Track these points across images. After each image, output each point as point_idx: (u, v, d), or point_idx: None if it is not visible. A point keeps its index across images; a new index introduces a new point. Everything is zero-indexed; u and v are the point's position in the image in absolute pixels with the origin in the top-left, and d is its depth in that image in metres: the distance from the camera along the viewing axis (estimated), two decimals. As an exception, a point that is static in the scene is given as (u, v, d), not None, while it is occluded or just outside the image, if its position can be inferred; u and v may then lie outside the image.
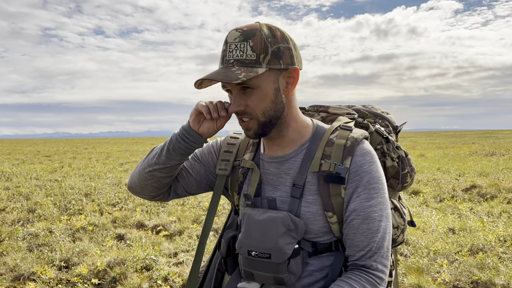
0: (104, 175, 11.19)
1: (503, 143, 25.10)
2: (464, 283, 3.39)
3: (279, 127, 1.12)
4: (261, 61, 1.01)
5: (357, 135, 1.11)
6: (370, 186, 1.07)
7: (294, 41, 1.10)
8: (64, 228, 5.28)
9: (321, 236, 1.12)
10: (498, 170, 10.71)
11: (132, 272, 3.69)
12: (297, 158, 1.13)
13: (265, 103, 1.06)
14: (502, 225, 5.07)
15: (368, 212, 1.06)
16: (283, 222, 1.06)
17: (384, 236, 1.07)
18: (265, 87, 1.04)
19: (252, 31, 1.03)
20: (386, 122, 1.37)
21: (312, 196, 1.09)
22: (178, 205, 6.76)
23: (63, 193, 7.98)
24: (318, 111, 1.38)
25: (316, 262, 1.12)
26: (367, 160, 1.08)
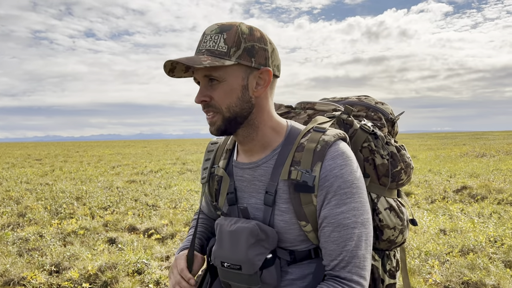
0: (96, 179, 11.12)
1: (493, 144, 25.34)
2: (455, 283, 3.41)
3: (247, 129, 1.08)
4: (231, 54, 1.00)
5: (328, 137, 1.04)
6: (341, 192, 1.00)
7: (274, 47, 1.07)
8: (54, 232, 5.24)
9: (298, 244, 1.08)
10: (489, 171, 10.81)
11: (123, 276, 3.67)
12: (268, 164, 1.09)
13: (231, 98, 1.02)
14: (492, 225, 5.11)
15: (339, 219, 0.99)
16: (251, 233, 1.02)
17: (359, 244, 0.99)
18: (232, 81, 1.02)
19: (229, 26, 1.02)
20: (379, 114, 1.29)
21: (284, 205, 1.05)
22: (170, 208, 6.74)
23: (54, 196, 7.91)
24: (305, 108, 1.32)
25: (297, 271, 1.09)
26: (338, 163, 1.01)
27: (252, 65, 1.02)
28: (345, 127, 1.19)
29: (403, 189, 8.12)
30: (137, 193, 8.27)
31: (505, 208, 6.30)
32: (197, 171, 12.92)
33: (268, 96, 1.08)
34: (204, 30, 1.05)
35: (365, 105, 1.32)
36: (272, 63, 1.05)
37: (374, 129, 1.20)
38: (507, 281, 3.33)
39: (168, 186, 9.46)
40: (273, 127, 1.11)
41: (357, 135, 1.17)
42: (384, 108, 1.32)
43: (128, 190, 8.80)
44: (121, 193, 8.33)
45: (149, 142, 62.37)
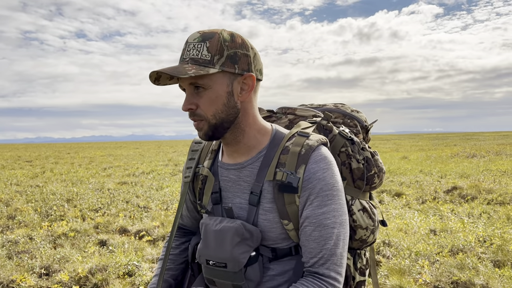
0: (87, 180, 11.06)
1: (484, 145, 25.59)
2: (445, 283, 3.44)
3: (234, 132, 1.12)
4: (214, 62, 1.03)
5: (312, 142, 1.09)
6: (323, 194, 1.06)
7: (256, 51, 1.11)
8: (45, 235, 5.20)
9: (280, 242, 1.13)
10: (479, 171, 10.91)
11: (114, 278, 3.65)
12: (254, 165, 1.14)
13: (217, 105, 1.06)
14: (481, 225, 5.16)
15: (321, 220, 1.05)
16: (237, 232, 1.07)
17: (337, 243, 1.06)
18: (217, 89, 1.05)
19: (211, 34, 1.05)
20: (354, 121, 1.37)
21: (268, 204, 1.10)
22: (162, 210, 6.72)
23: (44, 198, 7.85)
24: (286, 113, 1.37)
25: (277, 267, 1.14)
26: (321, 167, 1.07)
27: (236, 71, 1.05)
28: (324, 132, 1.25)
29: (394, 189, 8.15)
30: (129, 195, 8.24)
31: (494, 208, 6.37)
32: (189, 173, 12.88)
33: (252, 100, 1.13)
34: (187, 38, 1.08)
35: (341, 112, 1.39)
36: (254, 68, 1.09)
37: (351, 135, 1.27)
38: (495, 281, 3.36)
39: (160, 187, 9.43)
40: (258, 130, 1.15)
41: (336, 140, 1.24)
42: (359, 116, 1.40)
43: (119, 191, 8.76)
44: (112, 195, 8.29)
45: (141, 144, 62.15)
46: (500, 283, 3.34)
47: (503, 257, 3.94)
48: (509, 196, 7.16)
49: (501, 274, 3.51)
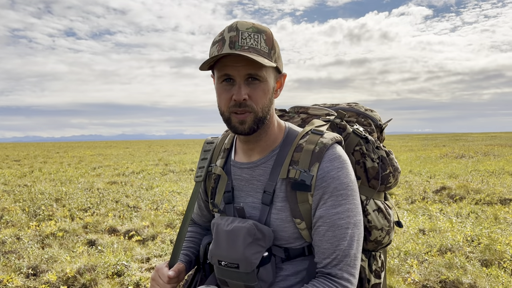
0: (76, 180, 10.96)
1: (472, 145, 25.86)
2: (433, 282, 3.47)
3: (263, 129, 1.12)
4: (271, 55, 1.03)
5: (327, 140, 1.08)
6: (338, 193, 1.04)
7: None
8: (32, 235, 5.14)
9: (293, 242, 1.11)
10: (467, 172, 11.02)
11: (102, 278, 3.62)
12: (267, 164, 1.12)
13: (265, 99, 1.06)
14: (469, 225, 5.21)
15: (334, 220, 1.03)
16: (248, 232, 1.05)
17: (351, 243, 1.04)
18: (270, 82, 1.06)
19: (262, 27, 1.05)
20: (368, 120, 1.35)
21: (281, 203, 1.09)
22: (152, 210, 6.68)
23: (33, 198, 7.76)
24: (299, 112, 1.36)
25: (290, 267, 1.12)
26: (335, 166, 1.05)
27: (281, 69, 1.10)
28: (338, 130, 1.23)
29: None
30: (118, 195, 8.18)
31: (482, 208, 6.43)
32: (180, 172, 12.84)
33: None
34: (232, 26, 1.02)
35: (355, 111, 1.37)
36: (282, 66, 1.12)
37: (366, 133, 1.24)
38: (483, 280, 3.40)
39: (150, 187, 9.38)
40: (277, 127, 1.16)
41: (350, 139, 1.22)
42: (373, 115, 1.37)
43: (109, 191, 8.69)
44: (101, 195, 8.22)
45: (131, 143, 61.76)
46: (488, 282, 3.38)
47: (491, 256, 3.98)
48: (496, 196, 7.24)
49: (488, 273, 3.55)
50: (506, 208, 6.38)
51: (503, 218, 5.67)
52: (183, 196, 7.95)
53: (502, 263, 3.81)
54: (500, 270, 3.61)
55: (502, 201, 6.98)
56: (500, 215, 5.83)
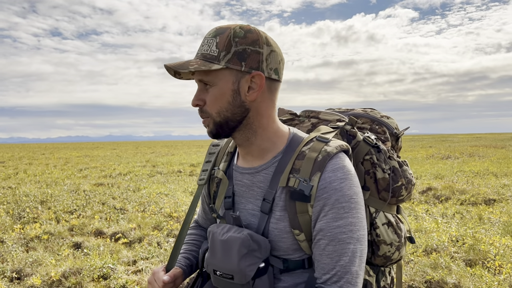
0: (62, 182, 10.83)
1: (458, 146, 26.21)
2: (418, 282, 3.50)
3: (245, 133, 1.07)
4: (220, 58, 0.99)
5: (331, 149, 1.01)
6: (339, 205, 0.98)
7: (274, 49, 1.04)
8: (17, 238, 5.06)
9: (292, 253, 1.07)
10: (453, 172, 11.16)
11: (88, 282, 3.58)
12: (268, 171, 1.08)
13: (221, 103, 1.02)
14: (455, 225, 5.28)
15: (335, 233, 0.97)
16: (243, 244, 1.01)
17: (353, 260, 0.98)
18: (222, 86, 1.01)
19: (224, 29, 1.02)
20: (383, 128, 1.27)
21: (280, 212, 1.04)
22: (139, 212, 6.63)
23: (17, 200, 7.65)
24: (309, 117, 1.30)
25: (289, 279, 1.08)
26: (338, 176, 0.99)
27: (242, 69, 1.00)
28: (348, 138, 1.16)
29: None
30: (105, 197, 8.11)
31: (467, 208, 6.52)
32: (168, 174, 12.78)
33: (266, 100, 1.06)
34: None
35: (370, 117, 1.30)
36: (267, 66, 1.03)
37: (377, 142, 1.18)
38: (467, 279, 3.45)
39: (137, 189, 9.31)
40: (274, 133, 1.09)
41: (359, 147, 1.15)
42: (389, 122, 1.30)
43: (95, 193, 8.61)
44: (88, 197, 8.14)
45: (119, 144, 61.27)
46: (471, 281, 3.43)
47: (475, 256, 4.04)
48: (481, 196, 7.35)
49: (472, 273, 3.60)
50: (490, 208, 6.48)
51: (487, 218, 5.76)
52: (171, 198, 7.91)
53: (486, 263, 3.87)
54: (484, 270, 3.66)
55: (486, 201, 7.08)
56: (484, 215, 5.91)
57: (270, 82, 1.05)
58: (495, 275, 3.62)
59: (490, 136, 55.25)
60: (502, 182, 9.05)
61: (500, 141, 32.64)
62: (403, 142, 27.50)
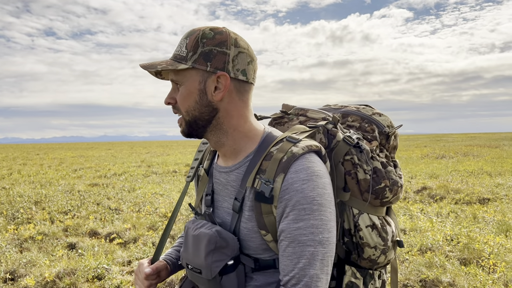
0: (56, 182, 10.78)
1: (452, 146, 26.33)
2: (413, 281, 3.51)
3: (216, 133, 1.09)
4: (188, 58, 1.03)
5: (297, 149, 1.00)
6: (301, 207, 0.96)
7: (242, 51, 1.05)
8: (10, 238, 5.03)
9: (261, 253, 1.07)
10: (447, 172, 11.21)
11: (82, 282, 3.56)
12: (240, 170, 1.09)
13: (189, 102, 1.05)
14: (449, 225, 5.30)
15: (295, 235, 0.97)
16: (210, 240, 1.03)
17: (312, 262, 0.96)
18: (189, 85, 1.04)
19: (195, 31, 1.05)
20: (373, 126, 1.24)
21: (248, 212, 1.05)
22: (134, 212, 6.61)
23: (11, 201, 7.60)
24: (298, 114, 1.29)
25: (261, 278, 1.09)
26: (300, 177, 0.98)
27: (207, 69, 1.02)
28: (329, 137, 1.14)
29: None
30: (100, 197, 8.07)
31: (461, 207, 6.55)
32: (163, 174, 12.75)
33: (235, 101, 1.06)
34: None
35: (360, 115, 1.27)
36: (234, 67, 1.04)
37: (360, 141, 1.14)
38: (461, 278, 3.46)
39: (132, 189, 9.28)
40: (245, 133, 1.10)
41: (338, 147, 1.12)
42: (381, 119, 1.26)
43: (90, 193, 8.57)
44: (82, 197, 8.10)
45: (114, 144, 61.07)
46: (466, 280, 3.44)
47: (469, 255, 4.06)
48: (475, 196, 7.38)
49: (467, 271, 3.61)
50: (484, 207, 6.51)
51: (482, 217, 5.79)
52: (166, 198, 7.89)
53: (480, 262, 3.89)
54: (478, 269, 3.68)
55: (480, 200, 7.12)
56: (478, 214, 5.94)
57: (237, 83, 1.06)
58: (489, 273, 3.64)
59: (484, 135, 55.59)
60: (496, 181, 9.11)
61: (494, 141, 32.83)
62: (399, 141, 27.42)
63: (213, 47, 1.02)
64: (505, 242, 4.44)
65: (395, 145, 1.28)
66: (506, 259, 3.90)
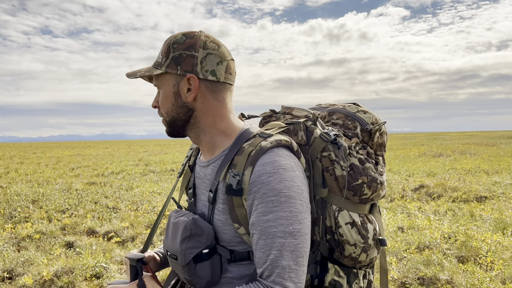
0: (54, 181, 10.75)
1: (450, 144, 26.39)
2: (411, 279, 3.52)
3: (195, 131, 1.16)
4: (162, 63, 1.11)
5: (266, 143, 1.04)
6: (268, 199, 0.99)
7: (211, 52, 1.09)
8: (8, 237, 5.02)
9: (235, 245, 1.10)
10: (445, 170, 11.24)
11: (80, 281, 3.56)
12: (215, 164, 1.14)
13: (167, 105, 1.13)
14: (447, 222, 5.32)
15: (265, 227, 0.99)
16: (186, 227, 1.08)
17: (283, 253, 0.98)
18: (165, 89, 1.12)
19: (170, 37, 1.13)
20: (355, 123, 1.25)
21: (222, 205, 1.09)
22: (132, 211, 6.60)
23: (8, 200, 7.58)
24: (285, 113, 1.33)
25: (236, 269, 1.11)
26: (266, 170, 1.00)
27: (178, 72, 1.09)
28: (307, 134, 1.17)
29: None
30: (97, 195, 8.06)
31: (459, 205, 6.57)
32: (160, 173, 12.74)
33: (209, 100, 1.12)
34: None
35: (344, 112, 1.28)
36: (202, 68, 1.09)
37: (338, 138, 1.15)
38: (459, 276, 3.47)
39: (130, 188, 9.27)
40: (222, 130, 1.15)
41: (315, 143, 1.14)
42: (365, 117, 1.27)
43: (87, 192, 8.56)
44: (80, 196, 8.09)
45: (111, 143, 60.92)
46: (464, 278, 3.45)
47: (467, 253, 4.07)
48: (472, 194, 7.40)
49: (464, 269, 3.62)
50: (481, 205, 6.53)
51: (479, 215, 5.81)
52: (164, 196, 7.88)
53: (478, 259, 3.90)
54: (475, 266, 3.69)
55: (478, 198, 7.14)
56: (476, 212, 5.96)
57: (208, 83, 1.11)
58: (487, 271, 3.66)
59: (481, 134, 55.76)
60: (493, 179, 9.14)
61: (491, 139, 32.93)
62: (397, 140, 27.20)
63: (182, 51, 1.09)
64: (503, 239, 4.46)
65: (381, 142, 1.28)
66: (503, 256, 3.92)
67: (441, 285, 3.36)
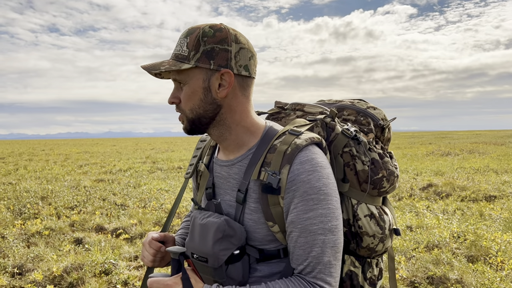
0: (62, 178, 10.83)
1: (458, 143, 26.20)
2: (420, 278, 3.50)
3: (219, 129, 1.11)
4: (190, 57, 1.04)
5: (300, 141, 1.04)
6: (308, 197, 1.00)
7: (243, 46, 1.07)
8: (18, 233, 5.06)
9: (267, 244, 1.09)
10: (453, 169, 11.16)
11: (90, 277, 3.58)
12: (243, 163, 1.11)
13: (193, 101, 1.07)
14: (456, 222, 5.28)
15: (306, 225, 1.00)
16: (219, 228, 1.05)
17: (325, 250, 1.00)
18: (193, 84, 1.06)
19: (194, 29, 1.06)
20: (368, 119, 1.27)
21: (254, 204, 1.07)
22: (140, 208, 6.63)
23: (18, 196, 7.65)
24: (295, 109, 1.32)
25: (265, 268, 1.10)
26: (306, 168, 1.01)
27: (211, 67, 1.04)
28: (327, 130, 1.18)
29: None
30: (105, 192, 8.10)
31: (468, 205, 6.52)
32: (168, 170, 12.78)
33: (238, 96, 1.09)
34: None
35: (355, 109, 1.30)
36: (236, 63, 1.06)
37: (358, 134, 1.18)
38: (469, 275, 3.44)
39: (138, 185, 9.31)
40: (247, 128, 1.12)
41: (337, 139, 1.16)
42: (376, 113, 1.30)
43: (96, 189, 8.61)
44: (88, 193, 8.14)
45: (119, 141, 61.23)
46: (474, 277, 3.43)
47: (476, 252, 4.04)
48: (481, 193, 7.34)
49: (474, 269, 3.60)
50: (491, 204, 6.48)
51: (488, 214, 5.76)
52: (171, 194, 7.91)
53: (488, 259, 3.87)
54: (486, 266, 3.66)
55: (487, 198, 7.08)
56: (485, 211, 5.91)
57: (240, 78, 1.08)
58: (497, 271, 3.62)
59: (490, 133, 55.29)
60: (502, 178, 9.06)
61: (500, 138, 32.64)
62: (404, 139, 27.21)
63: (214, 45, 1.04)
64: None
65: (389, 137, 1.33)
66: (513, 256, 3.89)
67: (451, 285, 3.34)
